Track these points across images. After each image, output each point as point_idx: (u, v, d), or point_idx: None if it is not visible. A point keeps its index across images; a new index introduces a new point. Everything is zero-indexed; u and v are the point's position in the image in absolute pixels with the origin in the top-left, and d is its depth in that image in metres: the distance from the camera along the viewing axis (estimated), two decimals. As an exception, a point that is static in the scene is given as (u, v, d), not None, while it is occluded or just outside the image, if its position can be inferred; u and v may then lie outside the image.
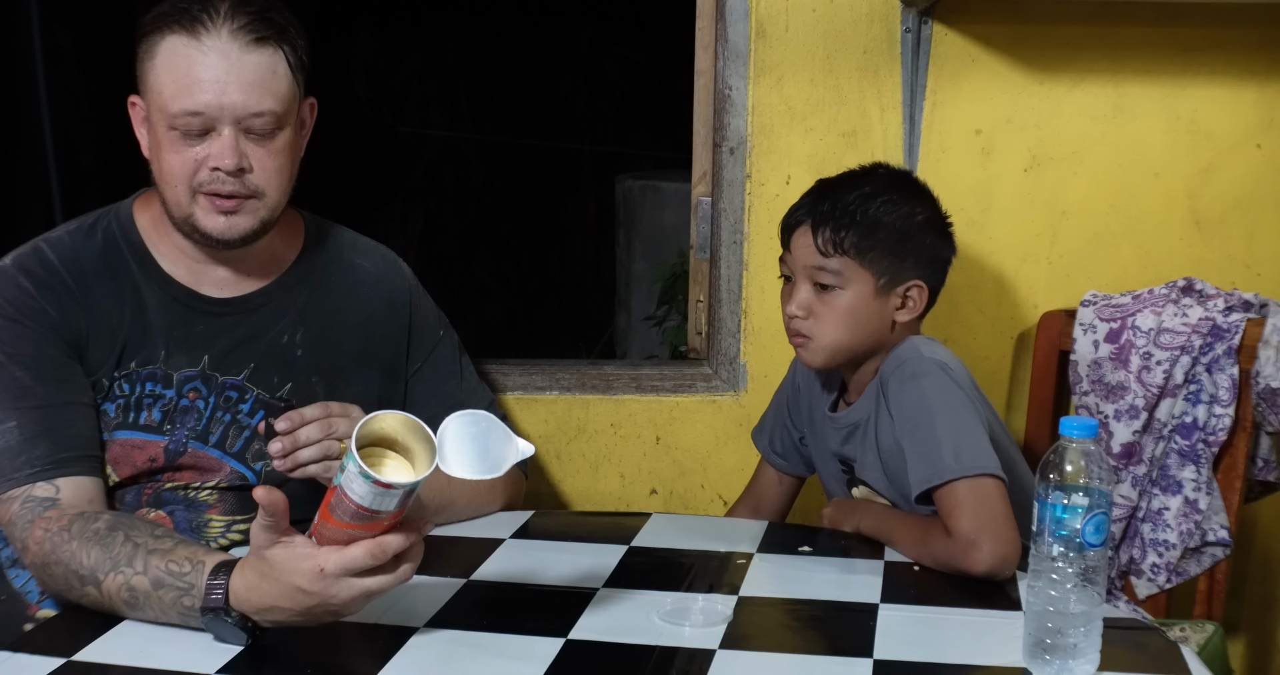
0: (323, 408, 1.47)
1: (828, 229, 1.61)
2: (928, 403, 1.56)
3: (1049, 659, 1.21)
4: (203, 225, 1.53)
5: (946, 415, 1.55)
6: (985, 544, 1.45)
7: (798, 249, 1.65)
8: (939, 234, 1.68)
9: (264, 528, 1.25)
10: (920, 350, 1.62)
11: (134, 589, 1.32)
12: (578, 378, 2.18)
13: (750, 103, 2.07)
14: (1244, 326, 1.88)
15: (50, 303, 1.54)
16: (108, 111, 4.64)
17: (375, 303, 1.73)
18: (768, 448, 1.90)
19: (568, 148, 6.70)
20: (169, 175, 1.51)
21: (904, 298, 1.64)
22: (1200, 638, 1.75)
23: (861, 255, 1.61)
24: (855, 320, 1.63)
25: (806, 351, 1.66)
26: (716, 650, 1.29)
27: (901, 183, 1.70)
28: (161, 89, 1.48)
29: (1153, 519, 1.94)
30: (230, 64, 1.47)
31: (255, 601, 1.26)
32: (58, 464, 1.47)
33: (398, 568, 1.25)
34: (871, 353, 1.66)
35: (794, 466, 1.88)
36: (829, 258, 1.61)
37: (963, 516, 1.47)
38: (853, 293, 1.62)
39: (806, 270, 1.64)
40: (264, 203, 1.54)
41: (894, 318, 1.65)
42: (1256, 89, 2.06)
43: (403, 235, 6.09)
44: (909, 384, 1.59)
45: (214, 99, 1.46)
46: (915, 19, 2.02)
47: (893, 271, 1.62)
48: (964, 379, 1.61)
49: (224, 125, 1.48)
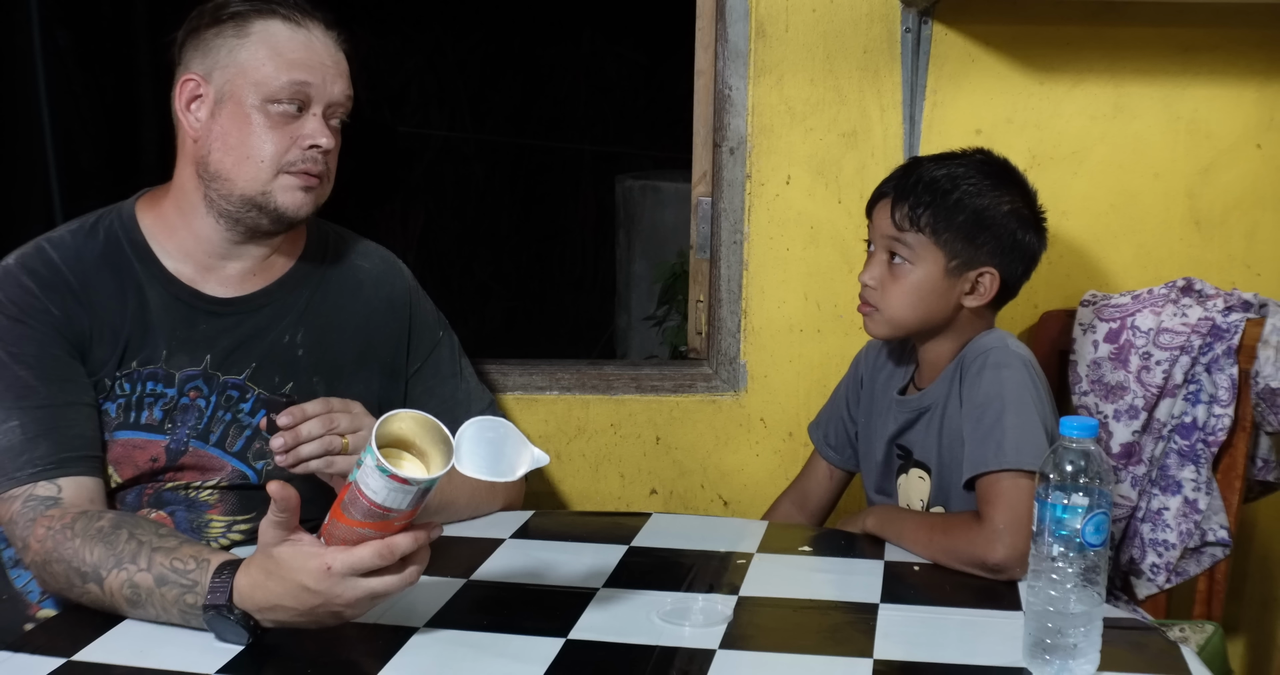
0: (324, 403, 1.48)
1: (906, 204, 1.62)
2: (1002, 392, 1.56)
3: (1049, 659, 1.21)
4: (280, 201, 1.56)
5: (1017, 408, 1.55)
6: (1009, 538, 1.45)
7: (878, 220, 1.67)
8: (1024, 226, 1.66)
9: (274, 524, 1.26)
10: (1007, 342, 1.63)
11: (137, 586, 1.32)
12: (578, 378, 2.18)
13: (750, 103, 2.07)
14: (1244, 326, 1.88)
15: (53, 302, 1.54)
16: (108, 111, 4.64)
17: (375, 303, 1.74)
18: (821, 440, 1.91)
19: (568, 148, 6.70)
20: (255, 151, 1.54)
21: (974, 283, 1.64)
22: (1200, 638, 1.75)
23: (936, 234, 1.61)
24: (920, 298, 1.63)
25: (871, 321, 1.68)
26: (716, 650, 1.29)
27: (995, 170, 1.69)
28: (263, 63, 1.53)
29: (1152, 519, 1.94)
30: (330, 53, 1.58)
31: (259, 600, 1.26)
32: (59, 464, 1.47)
33: (404, 570, 1.25)
34: (935, 332, 1.67)
35: (845, 460, 1.89)
36: (905, 232, 1.63)
37: (1001, 507, 1.48)
38: (922, 270, 1.63)
39: (884, 240, 1.65)
40: (327, 186, 1.61)
41: (961, 301, 1.65)
42: (1256, 89, 2.06)
43: (403, 235, 6.10)
44: (988, 371, 1.59)
45: (320, 77, 1.55)
46: (915, 19, 2.02)
47: (966, 255, 1.63)
48: (1042, 380, 1.62)
49: (317, 106, 1.56)
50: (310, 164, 1.55)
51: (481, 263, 6.44)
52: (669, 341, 3.85)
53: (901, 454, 1.74)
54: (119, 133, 4.75)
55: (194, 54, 1.55)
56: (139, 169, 4.68)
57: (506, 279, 6.45)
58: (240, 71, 1.53)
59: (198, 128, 1.56)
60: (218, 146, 1.54)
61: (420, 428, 1.24)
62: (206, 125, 1.55)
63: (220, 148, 1.54)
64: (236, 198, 1.55)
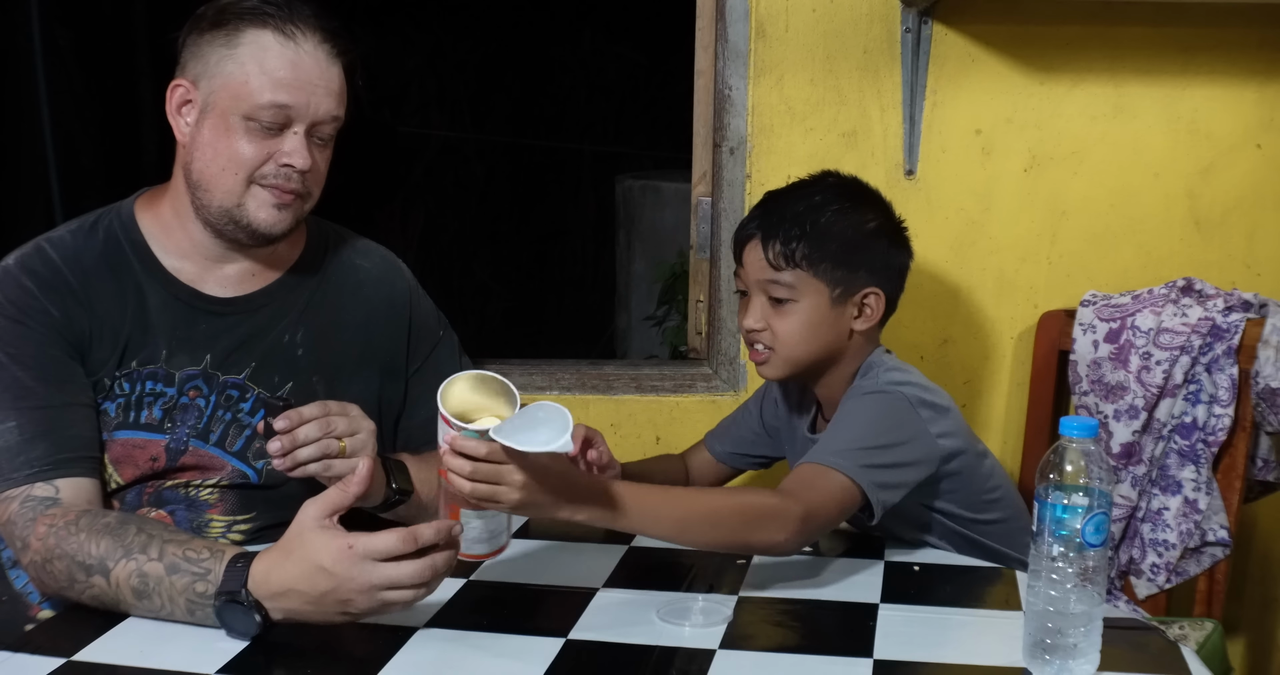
0: (321, 407, 1.47)
1: (777, 242, 1.59)
2: (856, 412, 1.56)
3: (1049, 659, 1.21)
4: (253, 216, 1.54)
5: (862, 423, 1.54)
6: (801, 507, 1.41)
7: (750, 263, 1.63)
8: (892, 241, 1.66)
9: (320, 505, 1.28)
10: (883, 378, 1.61)
11: (146, 575, 1.32)
12: (578, 378, 2.18)
13: (750, 103, 2.07)
14: (1244, 326, 1.88)
15: (53, 302, 1.54)
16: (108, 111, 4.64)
17: (376, 303, 1.74)
18: (715, 446, 1.89)
19: (568, 148, 6.70)
20: (230, 162, 1.52)
21: (860, 306, 1.63)
22: (1199, 636, 1.75)
23: (813, 266, 1.59)
24: (813, 332, 1.61)
25: (767, 365, 1.65)
26: (716, 650, 1.29)
27: (851, 190, 1.67)
28: (247, 78, 1.50)
29: (1152, 519, 1.94)
30: (321, 70, 1.52)
31: (274, 583, 1.26)
32: (57, 465, 1.47)
33: (421, 562, 1.25)
34: (831, 363, 1.65)
35: (733, 459, 1.88)
36: (781, 271, 1.60)
37: (801, 483, 1.45)
38: (808, 304, 1.61)
39: (760, 284, 1.63)
40: (307, 204, 1.59)
41: (851, 327, 1.63)
42: (1256, 89, 2.06)
43: (403, 235, 6.09)
44: (853, 401, 1.59)
45: (303, 98, 1.51)
46: (915, 19, 2.02)
47: (846, 281, 1.61)
48: (919, 408, 1.58)
49: (299, 124, 1.52)
50: (284, 181, 1.53)
51: (481, 263, 6.44)
52: (669, 341, 3.85)
53: None
54: (119, 133, 4.75)
55: (189, 57, 1.54)
56: (139, 169, 4.68)
57: (506, 279, 6.45)
58: (225, 84, 1.51)
59: (186, 133, 1.55)
60: (199, 155, 1.54)
61: (478, 387, 1.32)
62: (193, 131, 1.55)
63: (201, 156, 1.54)
64: (215, 209, 1.55)
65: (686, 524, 1.39)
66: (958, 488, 1.61)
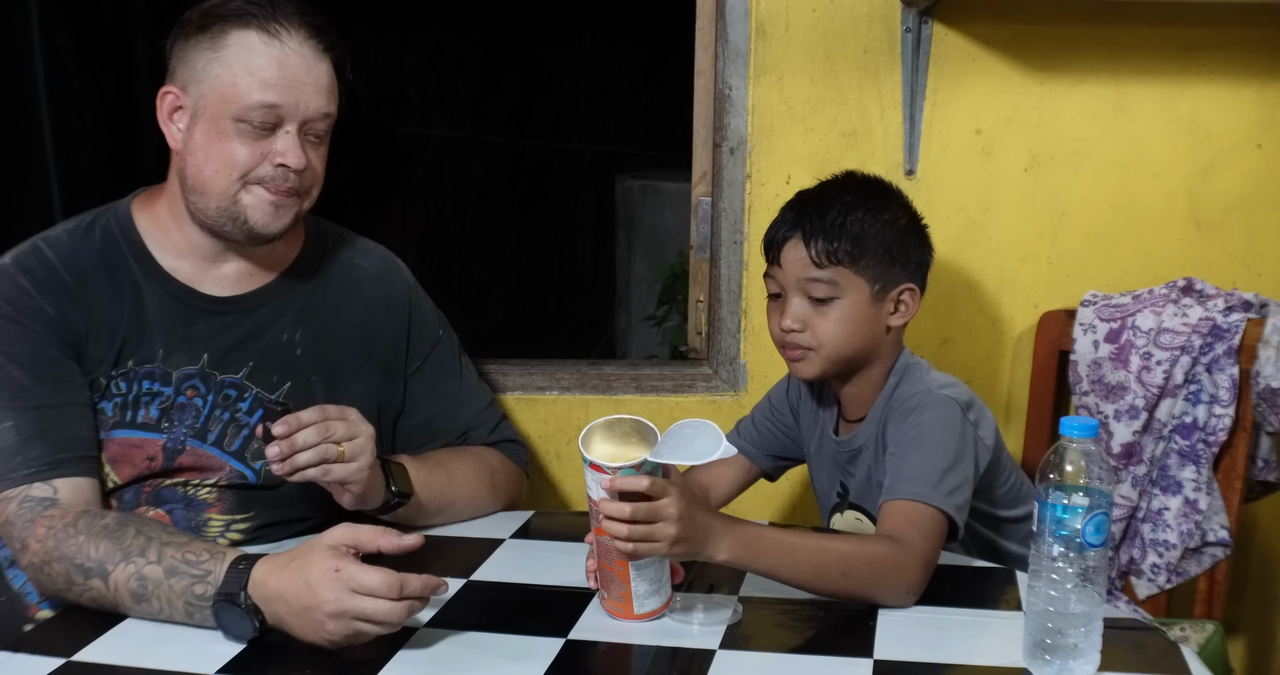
0: (320, 411, 1.47)
1: (819, 240, 1.60)
2: (920, 434, 1.55)
3: (1049, 659, 1.21)
4: (250, 216, 1.54)
5: (937, 447, 1.53)
6: (919, 557, 1.41)
7: (789, 263, 1.63)
8: (920, 237, 1.68)
9: (347, 535, 1.29)
10: (930, 386, 1.60)
11: (144, 578, 1.32)
12: (578, 378, 2.18)
13: (750, 103, 2.07)
14: (1244, 326, 1.88)
15: (49, 302, 1.53)
16: (108, 111, 4.64)
17: (375, 302, 1.73)
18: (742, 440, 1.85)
19: (568, 148, 6.70)
20: (225, 165, 1.51)
21: (897, 302, 1.64)
22: (1200, 637, 1.75)
23: (855, 263, 1.60)
24: (855, 328, 1.62)
25: (805, 364, 1.64)
26: (716, 650, 1.29)
27: (878, 189, 1.69)
28: (235, 80, 1.49)
29: (1153, 519, 1.94)
30: (308, 67, 1.51)
31: (269, 588, 1.27)
32: (55, 465, 1.47)
33: (396, 605, 1.25)
34: (865, 362, 1.66)
35: (762, 460, 1.85)
36: (824, 268, 1.60)
37: (907, 525, 1.44)
38: (849, 301, 1.61)
39: (799, 283, 1.62)
40: (305, 202, 1.58)
41: (888, 322, 1.64)
42: (1257, 89, 2.06)
43: (403, 235, 6.10)
44: (911, 415, 1.57)
45: (292, 97, 1.50)
46: (915, 19, 2.02)
47: (885, 277, 1.62)
48: (978, 418, 1.59)
49: (291, 123, 1.51)
50: (280, 181, 1.52)
51: (481, 263, 6.44)
52: (669, 341, 3.85)
53: (841, 492, 1.74)
54: (119, 133, 4.75)
55: (177, 63, 1.54)
56: (139, 169, 4.68)
57: (506, 279, 6.45)
58: (213, 88, 1.50)
59: (179, 139, 1.55)
60: (193, 160, 1.54)
61: (609, 435, 1.32)
62: (186, 137, 1.54)
63: (194, 161, 1.53)
64: (212, 211, 1.54)
65: (821, 573, 1.38)
66: (983, 487, 1.62)
